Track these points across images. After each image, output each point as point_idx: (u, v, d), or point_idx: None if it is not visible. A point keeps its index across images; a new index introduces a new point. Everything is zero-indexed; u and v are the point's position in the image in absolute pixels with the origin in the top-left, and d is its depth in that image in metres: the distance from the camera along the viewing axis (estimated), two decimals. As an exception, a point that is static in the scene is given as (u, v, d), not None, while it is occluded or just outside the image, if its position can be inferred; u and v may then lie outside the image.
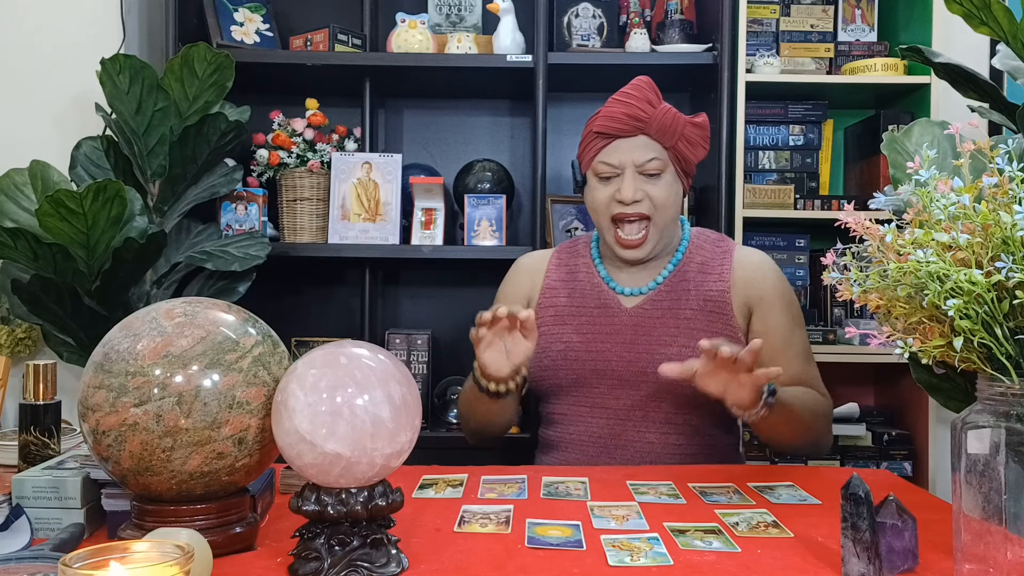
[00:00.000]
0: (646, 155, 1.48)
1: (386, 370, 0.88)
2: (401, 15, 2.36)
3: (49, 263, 1.80)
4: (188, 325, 0.92)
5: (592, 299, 1.57)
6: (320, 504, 0.87)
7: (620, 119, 1.48)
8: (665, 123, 1.48)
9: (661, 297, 1.54)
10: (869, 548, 0.84)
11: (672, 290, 1.54)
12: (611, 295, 1.56)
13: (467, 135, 2.62)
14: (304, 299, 2.61)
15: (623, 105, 1.48)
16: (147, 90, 1.97)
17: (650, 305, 1.53)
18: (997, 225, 0.79)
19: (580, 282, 1.60)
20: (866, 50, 2.38)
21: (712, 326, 1.50)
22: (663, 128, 1.48)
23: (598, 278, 1.59)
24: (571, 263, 1.63)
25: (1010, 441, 0.80)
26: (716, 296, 1.52)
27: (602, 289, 1.57)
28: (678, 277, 1.55)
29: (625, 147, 1.49)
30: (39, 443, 1.26)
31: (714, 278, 1.54)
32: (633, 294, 1.55)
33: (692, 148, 1.51)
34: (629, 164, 1.48)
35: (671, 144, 1.49)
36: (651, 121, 1.48)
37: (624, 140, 1.49)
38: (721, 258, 1.56)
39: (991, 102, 1.28)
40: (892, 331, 0.88)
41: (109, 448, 0.89)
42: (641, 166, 1.48)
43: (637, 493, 1.21)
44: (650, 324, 1.52)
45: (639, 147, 1.49)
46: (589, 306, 1.56)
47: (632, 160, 1.48)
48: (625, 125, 1.48)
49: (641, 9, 2.47)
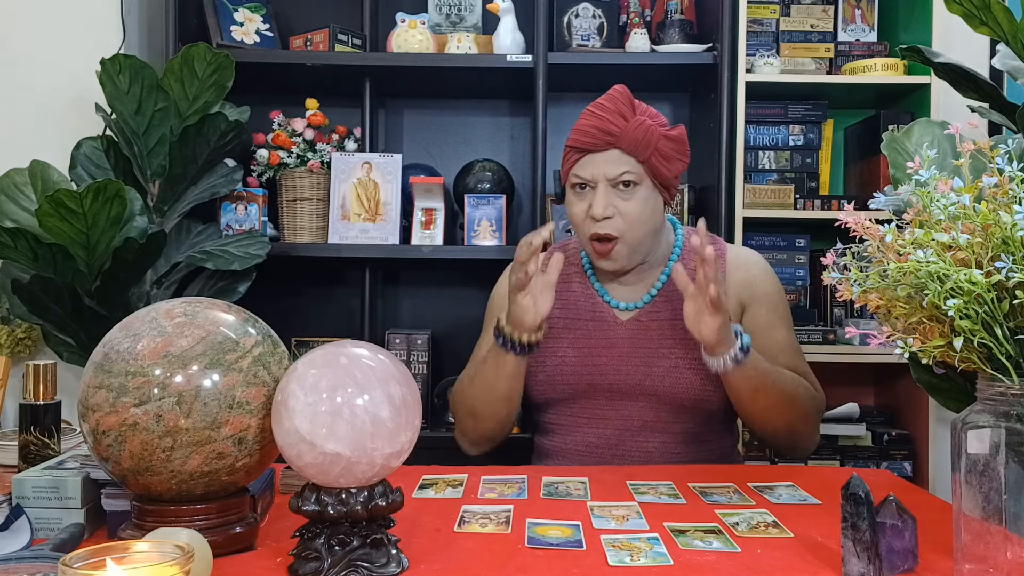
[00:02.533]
0: (618, 168, 1.44)
1: (386, 370, 0.88)
2: (401, 15, 2.36)
3: (49, 263, 1.80)
4: (188, 325, 0.92)
5: (587, 312, 1.55)
6: (320, 504, 0.87)
7: (591, 133, 1.45)
8: (637, 137, 1.43)
9: (657, 308, 1.52)
10: (869, 548, 0.84)
11: (668, 300, 1.52)
12: (606, 308, 1.55)
13: (467, 135, 2.63)
14: (304, 299, 2.61)
15: (595, 118, 1.45)
16: (147, 90, 1.97)
17: (646, 317, 1.52)
18: (997, 225, 0.79)
19: (573, 293, 1.58)
20: (866, 50, 2.38)
21: None
22: (635, 142, 1.44)
23: (592, 290, 1.57)
24: (564, 271, 1.58)
25: (1010, 441, 0.80)
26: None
27: (596, 302, 1.56)
28: (672, 287, 1.52)
29: (598, 160, 1.45)
30: (39, 443, 1.26)
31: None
32: (628, 308, 1.54)
33: (667, 163, 1.46)
34: (601, 178, 1.45)
35: (644, 158, 1.45)
36: (622, 135, 1.43)
37: (597, 154, 1.46)
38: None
39: (991, 102, 1.28)
40: (892, 331, 0.88)
41: (109, 448, 0.89)
42: (613, 179, 1.44)
43: (637, 493, 1.21)
44: (646, 337, 1.51)
45: (611, 161, 1.45)
46: (584, 319, 1.55)
47: (604, 174, 1.45)
48: (596, 140, 1.45)
49: (641, 9, 2.47)
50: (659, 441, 1.49)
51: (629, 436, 1.49)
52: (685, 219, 2.36)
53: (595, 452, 1.50)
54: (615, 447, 1.49)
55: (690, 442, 1.49)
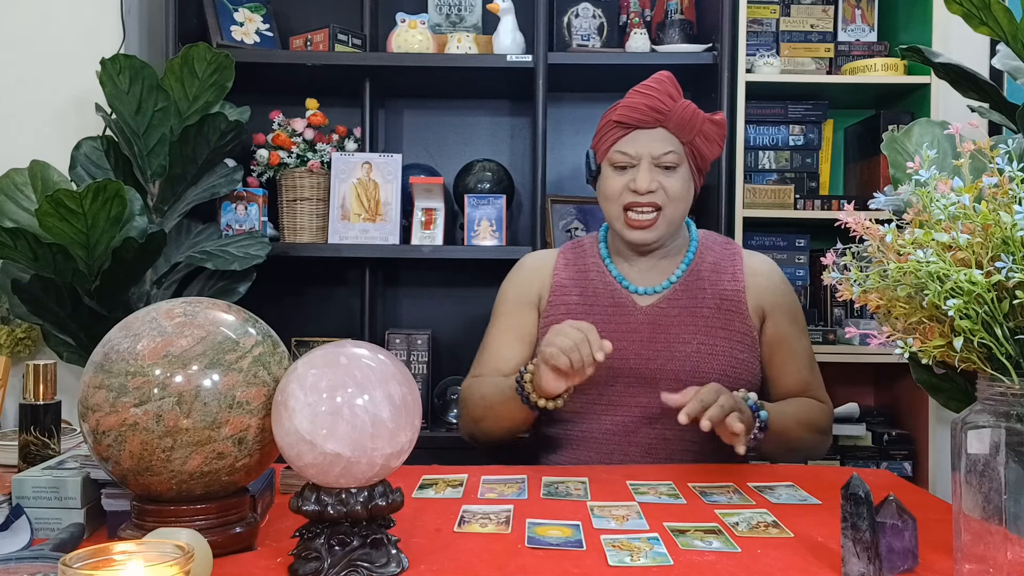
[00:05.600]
0: (663, 148, 1.50)
1: (386, 370, 0.88)
2: (401, 15, 2.36)
3: (49, 263, 1.80)
4: (188, 325, 0.92)
5: (605, 298, 1.56)
6: (320, 504, 0.87)
7: (641, 110, 1.49)
8: (685, 117, 1.49)
9: (677, 296, 1.54)
10: (869, 548, 0.84)
11: (688, 288, 1.55)
12: (625, 294, 1.56)
13: (467, 135, 2.62)
14: (304, 299, 2.61)
15: (644, 97, 1.50)
16: (147, 90, 1.97)
17: (666, 304, 1.54)
18: (997, 225, 0.79)
19: (592, 281, 1.59)
20: (866, 50, 2.38)
21: (730, 324, 1.52)
22: (683, 122, 1.49)
23: (610, 277, 1.58)
24: (579, 262, 1.62)
25: (1010, 441, 0.80)
26: (732, 295, 1.54)
27: (615, 288, 1.57)
28: (693, 276, 1.56)
29: (643, 138, 1.50)
30: (39, 443, 1.26)
31: (727, 278, 1.56)
32: (647, 293, 1.56)
33: (709, 145, 1.53)
34: (646, 155, 1.49)
35: (688, 139, 1.51)
36: (671, 114, 1.49)
37: (642, 132, 1.50)
38: (731, 260, 1.58)
39: (991, 102, 1.28)
40: (892, 331, 0.88)
41: (109, 448, 0.89)
42: (658, 158, 1.50)
43: (637, 493, 1.21)
44: (667, 322, 1.52)
45: (657, 139, 1.50)
46: (602, 304, 1.55)
47: (649, 151, 1.49)
48: (646, 116, 1.49)
49: (641, 9, 2.47)
50: (677, 429, 1.45)
51: (646, 423, 1.49)
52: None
53: (612, 440, 1.50)
54: (633, 433, 1.49)
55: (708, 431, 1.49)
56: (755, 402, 1.36)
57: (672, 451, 1.48)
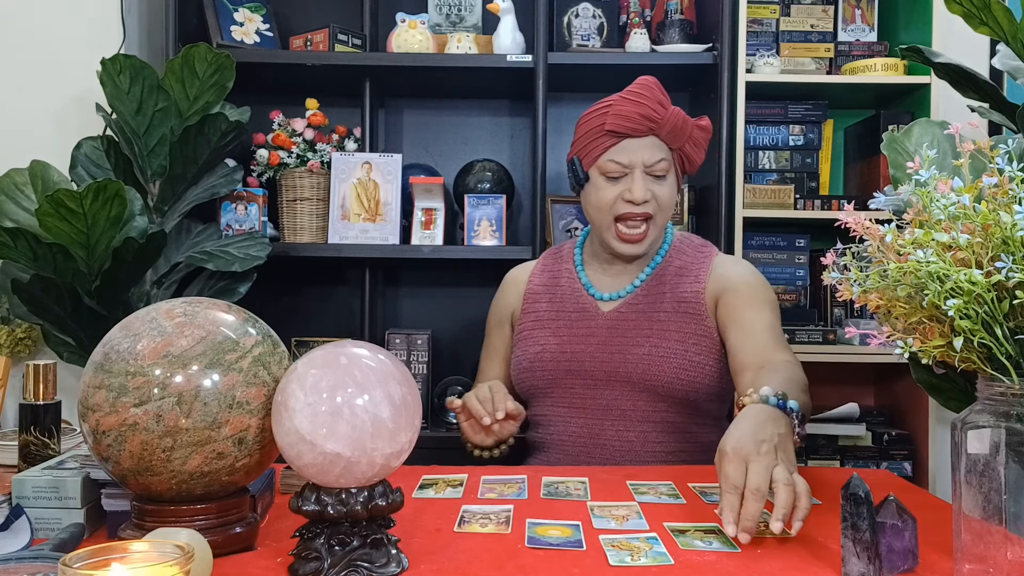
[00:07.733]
0: (655, 156, 1.50)
1: (386, 370, 0.88)
2: (401, 15, 2.36)
3: (49, 263, 1.80)
4: (188, 325, 0.92)
5: (571, 304, 1.60)
6: (320, 504, 0.87)
7: (634, 119, 1.48)
8: (676, 125, 1.50)
9: (637, 300, 1.56)
10: (869, 548, 0.84)
11: (648, 293, 1.56)
12: (590, 300, 1.59)
13: (467, 135, 2.62)
14: (304, 299, 2.61)
15: (636, 105, 1.49)
16: (147, 90, 1.97)
17: (626, 308, 1.56)
18: (997, 225, 0.79)
19: (561, 287, 1.63)
20: (866, 50, 2.38)
21: (686, 327, 1.51)
22: (674, 130, 1.50)
23: (579, 284, 1.62)
24: (554, 268, 1.67)
25: (1010, 441, 0.80)
26: (690, 297, 1.53)
27: (581, 295, 1.60)
28: (655, 280, 1.57)
29: (634, 147, 1.50)
30: (39, 443, 1.26)
31: (690, 280, 1.55)
32: (611, 299, 1.58)
33: (696, 150, 1.54)
34: (639, 164, 1.50)
35: (678, 146, 1.51)
36: (664, 122, 1.49)
37: (633, 140, 1.50)
38: (700, 263, 1.57)
39: (991, 102, 1.28)
40: (892, 331, 0.88)
41: (109, 448, 0.89)
42: (651, 167, 1.50)
43: (637, 493, 1.21)
44: (624, 326, 1.54)
45: (648, 147, 1.50)
46: (568, 310, 1.59)
47: (642, 160, 1.50)
48: (639, 125, 1.49)
49: (641, 9, 2.47)
50: (639, 431, 1.49)
51: (609, 425, 1.51)
52: (685, 219, 2.36)
53: (578, 443, 1.52)
54: (596, 436, 1.51)
55: (672, 432, 1.50)
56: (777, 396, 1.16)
57: (638, 454, 1.49)
